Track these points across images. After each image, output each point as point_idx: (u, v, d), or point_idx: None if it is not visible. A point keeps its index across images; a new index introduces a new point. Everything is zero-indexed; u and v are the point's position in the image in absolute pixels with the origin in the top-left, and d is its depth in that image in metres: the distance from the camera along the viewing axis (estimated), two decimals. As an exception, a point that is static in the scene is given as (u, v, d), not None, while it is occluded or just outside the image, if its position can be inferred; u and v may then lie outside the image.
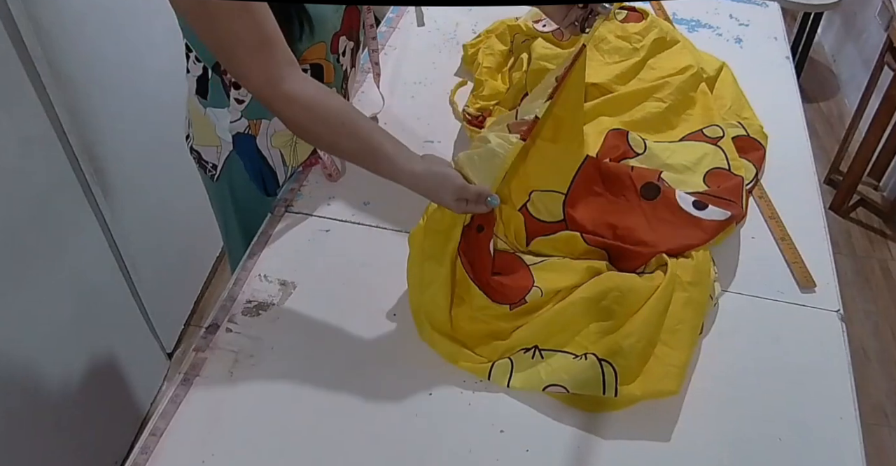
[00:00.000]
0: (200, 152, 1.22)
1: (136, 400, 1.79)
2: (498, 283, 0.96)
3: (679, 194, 1.07)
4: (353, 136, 0.94)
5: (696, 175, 1.13)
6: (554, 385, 0.90)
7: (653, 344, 0.92)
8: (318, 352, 0.96)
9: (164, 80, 1.68)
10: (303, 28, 1.01)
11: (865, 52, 2.81)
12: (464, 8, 1.57)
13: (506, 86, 1.33)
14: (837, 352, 0.98)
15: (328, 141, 0.98)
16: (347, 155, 1.01)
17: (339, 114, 0.94)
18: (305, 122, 0.95)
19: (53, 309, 1.44)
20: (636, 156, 1.15)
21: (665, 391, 0.89)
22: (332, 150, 1.07)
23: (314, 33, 1.03)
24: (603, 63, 1.33)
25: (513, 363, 0.93)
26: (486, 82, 1.31)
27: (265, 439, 0.88)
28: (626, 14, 1.40)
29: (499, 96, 1.30)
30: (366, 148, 0.95)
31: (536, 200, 1.07)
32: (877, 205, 2.50)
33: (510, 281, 0.97)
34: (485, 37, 1.44)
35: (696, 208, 1.05)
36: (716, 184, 1.12)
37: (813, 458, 0.88)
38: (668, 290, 0.95)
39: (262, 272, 1.06)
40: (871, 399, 1.95)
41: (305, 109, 0.94)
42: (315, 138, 1.00)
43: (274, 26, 0.92)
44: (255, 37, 0.90)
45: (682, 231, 1.03)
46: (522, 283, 0.97)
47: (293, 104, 0.94)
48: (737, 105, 1.30)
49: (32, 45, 1.27)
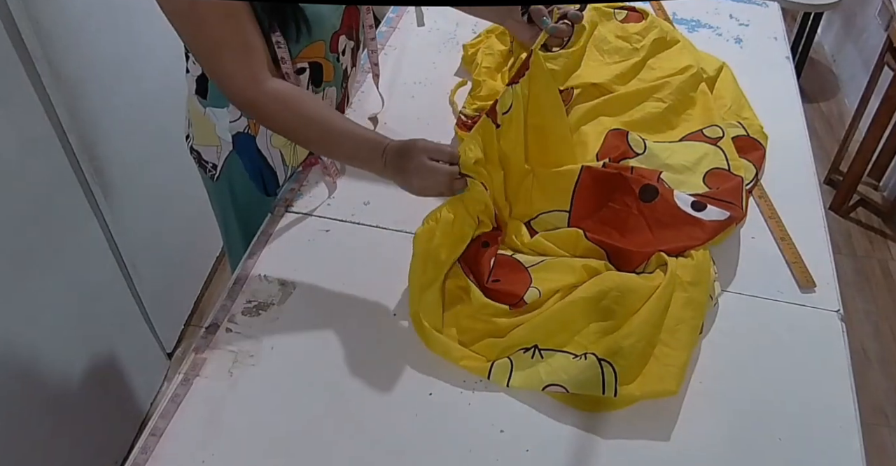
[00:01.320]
0: (200, 152, 1.22)
1: (136, 400, 1.79)
2: (495, 291, 0.97)
3: (677, 195, 1.07)
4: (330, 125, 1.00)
5: (696, 175, 1.13)
6: (553, 384, 0.90)
7: (652, 345, 0.92)
8: (318, 352, 0.97)
9: (164, 80, 1.68)
10: (299, 28, 1.01)
11: (865, 52, 2.81)
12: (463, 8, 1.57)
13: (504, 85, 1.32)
14: (837, 352, 0.98)
15: (313, 135, 1.01)
16: (326, 145, 1.04)
17: (321, 109, 1.00)
18: (290, 119, 0.99)
19: (53, 309, 1.44)
20: (636, 156, 1.15)
21: (664, 391, 0.89)
22: (315, 147, 1.08)
23: (311, 33, 1.03)
24: (603, 63, 1.33)
25: (512, 362, 0.93)
26: (484, 82, 1.31)
27: (265, 439, 0.88)
28: (626, 14, 1.40)
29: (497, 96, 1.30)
30: (349, 134, 1.00)
31: (542, 220, 1.09)
32: (877, 205, 2.50)
33: (508, 287, 0.97)
34: (484, 37, 1.43)
35: (694, 209, 1.05)
36: (716, 185, 1.12)
37: (813, 458, 0.88)
38: (668, 290, 0.95)
39: (262, 272, 1.06)
40: (871, 399, 1.95)
41: (291, 105, 0.98)
42: (300, 136, 1.03)
43: (256, 31, 0.96)
44: (240, 40, 0.94)
45: (681, 232, 1.03)
46: (521, 286, 0.97)
47: (278, 101, 0.97)
48: (737, 105, 1.30)
49: (32, 45, 1.27)
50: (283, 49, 1.01)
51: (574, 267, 0.99)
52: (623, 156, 1.15)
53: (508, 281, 0.98)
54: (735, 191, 1.10)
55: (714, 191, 1.10)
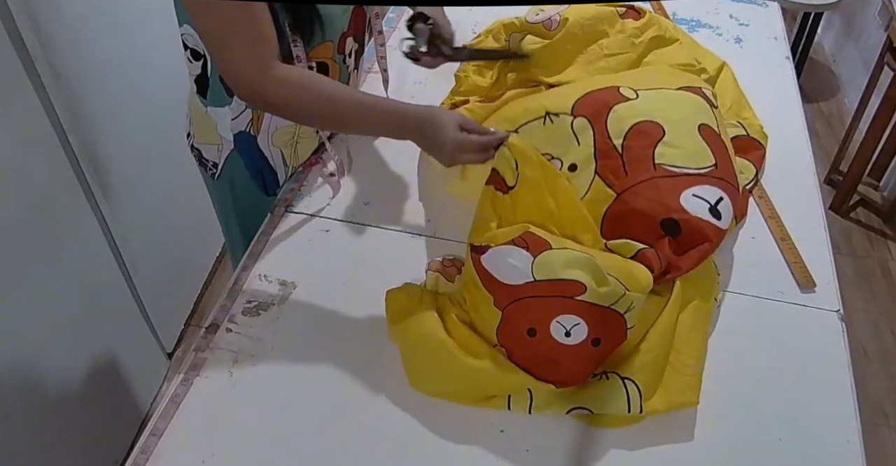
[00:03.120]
0: (201, 150, 1.22)
1: (136, 400, 1.79)
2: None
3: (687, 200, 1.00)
4: (350, 99, 1.01)
5: (692, 124, 1.06)
6: (577, 407, 0.89)
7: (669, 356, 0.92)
8: (318, 352, 0.96)
9: (164, 80, 1.68)
10: (314, 28, 1.02)
11: (865, 52, 2.81)
12: (464, 8, 1.58)
13: (491, 81, 1.32)
14: (837, 352, 0.98)
15: (328, 112, 1.01)
16: (347, 119, 1.04)
17: (330, 83, 1.01)
18: (299, 99, 0.99)
19: (53, 309, 1.44)
20: (627, 101, 1.08)
21: (687, 402, 0.89)
22: (335, 123, 1.08)
23: (325, 33, 1.04)
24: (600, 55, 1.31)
25: (532, 392, 0.90)
26: (466, 78, 1.30)
27: (265, 439, 0.88)
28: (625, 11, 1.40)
29: (479, 90, 1.29)
30: (363, 103, 1.01)
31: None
32: (877, 205, 2.50)
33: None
34: (484, 37, 1.43)
35: (713, 216, 1.00)
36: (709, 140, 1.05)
37: (813, 458, 0.88)
38: (679, 301, 0.94)
39: (262, 272, 1.06)
40: (871, 399, 1.95)
41: (302, 87, 0.99)
42: (315, 115, 1.03)
43: (269, 24, 0.97)
44: (253, 32, 0.94)
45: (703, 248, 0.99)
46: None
47: (285, 84, 0.98)
48: (737, 105, 1.30)
49: (32, 45, 1.27)
50: (298, 48, 1.02)
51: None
52: (614, 102, 1.08)
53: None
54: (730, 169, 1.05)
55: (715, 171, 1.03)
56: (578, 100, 1.09)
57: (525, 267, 0.88)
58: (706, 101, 1.11)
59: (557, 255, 0.89)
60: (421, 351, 0.93)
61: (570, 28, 1.28)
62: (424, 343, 0.92)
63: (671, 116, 1.05)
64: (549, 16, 1.32)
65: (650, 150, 1.02)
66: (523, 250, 0.90)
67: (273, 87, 0.97)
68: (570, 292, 0.87)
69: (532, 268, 0.88)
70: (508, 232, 0.94)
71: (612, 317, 0.89)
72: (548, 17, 1.32)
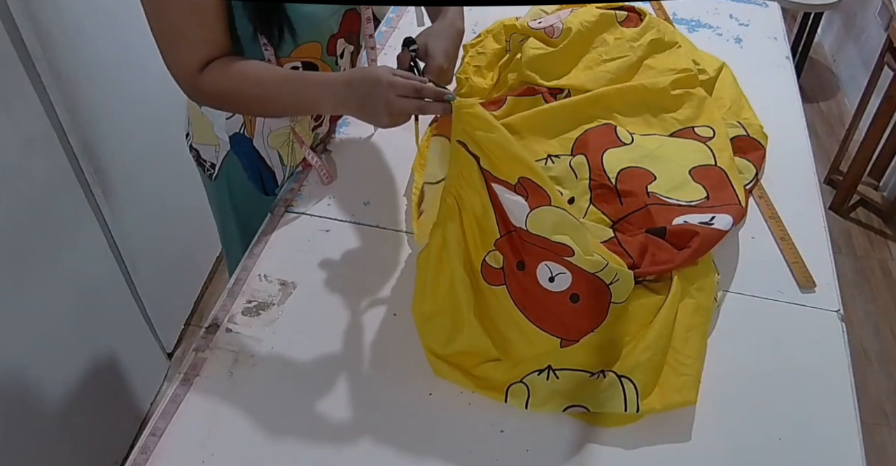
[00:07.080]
0: (199, 150, 1.22)
1: (136, 400, 1.79)
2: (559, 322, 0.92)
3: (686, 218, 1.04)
4: (275, 77, 0.98)
5: (682, 168, 1.12)
6: (574, 405, 0.89)
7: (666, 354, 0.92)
8: (318, 352, 0.96)
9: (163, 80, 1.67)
10: (282, 34, 1.01)
11: (865, 52, 2.81)
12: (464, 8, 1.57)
13: (491, 82, 1.32)
14: (837, 352, 0.98)
15: (257, 94, 0.99)
16: (276, 98, 1.00)
17: (262, 66, 0.99)
18: (229, 86, 0.98)
19: (53, 309, 1.44)
20: (623, 145, 1.14)
21: (685, 401, 0.89)
22: (266, 105, 1.03)
23: (296, 39, 1.03)
24: (599, 61, 1.32)
25: (529, 387, 0.91)
26: (467, 80, 1.31)
27: (265, 439, 0.88)
28: (627, 15, 1.40)
29: (480, 92, 1.29)
30: (290, 79, 0.98)
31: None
32: (877, 205, 2.50)
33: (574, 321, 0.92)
34: (484, 37, 1.43)
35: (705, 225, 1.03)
36: (702, 179, 1.10)
37: (813, 458, 0.88)
38: (677, 298, 0.94)
39: (261, 272, 1.06)
40: (871, 399, 1.96)
41: (232, 76, 0.97)
42: (246, 100, 1.01)
43: (221, 30, 0.96)
44: (200, 34, 0.95)
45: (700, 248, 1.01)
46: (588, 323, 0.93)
47: (221, 74, 0.97)
48: (737, 105, 1.30)
49: (32, 45, 1.27)
50: (269, 52, 1.01)
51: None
52: (610, 145, 1.14)
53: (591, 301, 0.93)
54: (727, 192, 1.08)
55: (712, 200, 1.08)
56: (578, 139, 1.18)
57: (521, 214, 0.90)
58: (699, 141, 1.18)
59: (550, 214, 0.90)
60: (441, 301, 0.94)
61: (574, 37, 1.29)
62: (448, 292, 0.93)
63: (663, 167, 1.12)
64: (552, 23, 1.33)
65: (643, 187, 1.10)
66: (521, 198, 0.90)
67: (208, 82, 0.97)
68: (560, 252, 0.90)
69: (526, 220, 0.90)
70: (510, 167, 0.91)
71: (596, 283, 0.91)
72: (550, 24, 1.32)
